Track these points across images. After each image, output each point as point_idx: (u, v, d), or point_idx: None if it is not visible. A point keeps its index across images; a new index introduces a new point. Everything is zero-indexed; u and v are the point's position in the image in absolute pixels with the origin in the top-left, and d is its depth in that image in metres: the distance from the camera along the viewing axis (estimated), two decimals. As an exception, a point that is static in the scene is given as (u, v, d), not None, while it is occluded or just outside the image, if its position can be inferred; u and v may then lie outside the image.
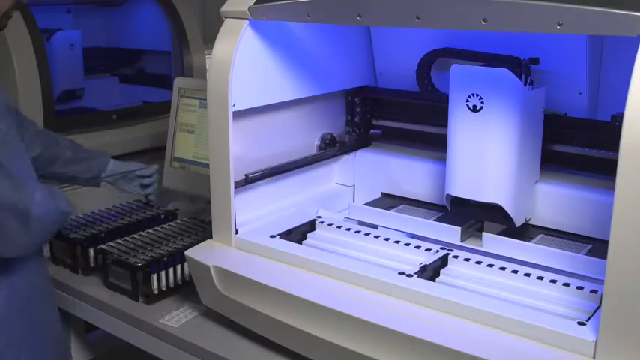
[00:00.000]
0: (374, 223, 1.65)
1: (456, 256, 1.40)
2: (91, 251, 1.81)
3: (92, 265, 1.83)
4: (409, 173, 1.80)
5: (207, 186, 1.53)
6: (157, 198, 2.08)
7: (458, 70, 1.50)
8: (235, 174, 1.48)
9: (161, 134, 2.33)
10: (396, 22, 1.33)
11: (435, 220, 1.65)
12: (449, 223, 1.59)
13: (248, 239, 1.50)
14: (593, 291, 1.24)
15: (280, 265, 1.43)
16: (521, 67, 1.48)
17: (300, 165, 1.73)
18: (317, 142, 1.83)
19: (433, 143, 1.75)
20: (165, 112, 2.29)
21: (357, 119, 1.89)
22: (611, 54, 1.47)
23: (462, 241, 1.57)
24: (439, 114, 1.61)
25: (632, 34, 0.96)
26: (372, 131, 1.90)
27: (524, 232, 1.59)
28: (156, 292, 1.66)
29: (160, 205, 2.08)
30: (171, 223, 1.91)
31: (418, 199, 1.80)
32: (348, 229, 1.57)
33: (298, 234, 1.58)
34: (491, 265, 1.36)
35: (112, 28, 3.03)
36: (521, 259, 1.40)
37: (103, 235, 1.85)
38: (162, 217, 2.00)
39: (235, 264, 1.45)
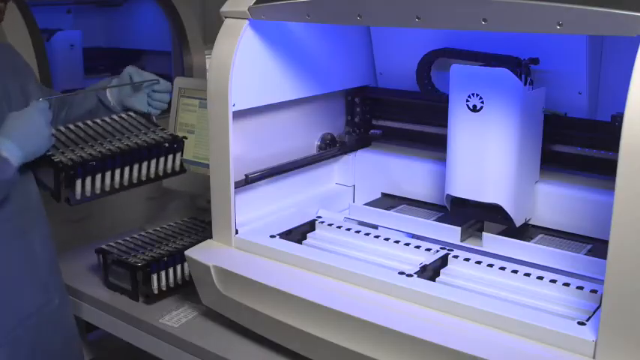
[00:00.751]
0: (374, 223, 1.65)
1: (456, 256, 1.40)
2: (78, 182, 1.53)
3: (78, 198, 1.55)
4: (409, 173, 1.80)
5: (207, 186, 1.53)
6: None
7: (458, 70, 1.50)
8: (235, 174, 1.49)
9: (161, 134, 2.32)
10: (396, 22, 1.33)
11: (435, 220, 1.65)
12: (449, 223, 1.59)
13: (248, 239, 1.50)
14: (593, 291, 1.24)
15: (280, 265, 1.43)
16: (521, 67, 1.48)
17: (300, 165, 1.73)
18: (317, 142, 1.83)
19: (433, 143, 1.75)
20: (165, 112, 2.29)
21: (357, 119, 1.89)
22: (611, 54, 1.47)
23: (462, 241, 1.57)
24: (439, 114, 1.61)
25: (632, 34, 0.96)
26: (372, 131, 1.90)
27: (524, 232, 1.59)
28: (156, 292, 1.66)
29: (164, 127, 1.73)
30: (171, 223, 1.90)
31: (418, 199, 1.80)
32: (348, 229, 1.57)
33: (298, 234, 1.58)
34: (491, 265, 1.36)
35: (112, 28, 3.03)
36: (521, 259, 1.40)
37: (94, 163, 1.53)
38: (167, 145, 1.64)
39: (235, 264, 1.45)
